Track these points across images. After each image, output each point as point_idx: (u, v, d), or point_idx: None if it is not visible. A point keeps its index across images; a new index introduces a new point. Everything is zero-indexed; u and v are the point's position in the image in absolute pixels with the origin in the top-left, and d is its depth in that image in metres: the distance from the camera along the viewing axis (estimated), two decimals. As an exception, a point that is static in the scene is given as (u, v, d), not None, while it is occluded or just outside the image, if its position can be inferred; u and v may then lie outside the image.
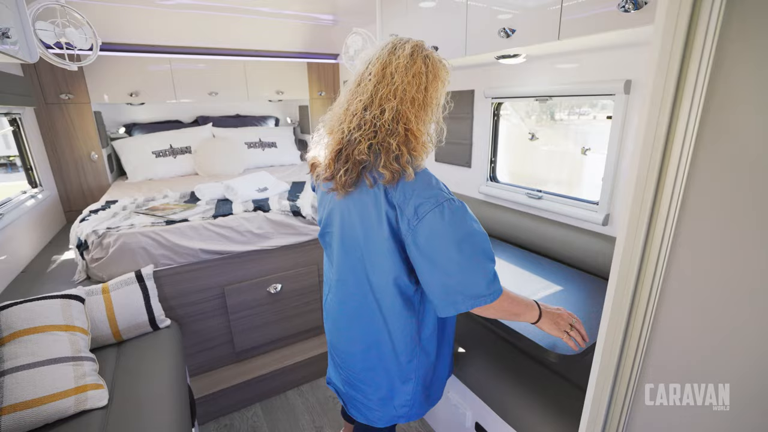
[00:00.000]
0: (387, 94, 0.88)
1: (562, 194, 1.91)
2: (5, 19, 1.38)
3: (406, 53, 0.89)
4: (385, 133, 0.87)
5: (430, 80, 0.90)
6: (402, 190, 0.86)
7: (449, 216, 0.84)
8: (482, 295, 0.87)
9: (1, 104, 2.06)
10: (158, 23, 2.64)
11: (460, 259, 0.84)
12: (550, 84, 1.80)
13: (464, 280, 0.86)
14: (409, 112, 0.88)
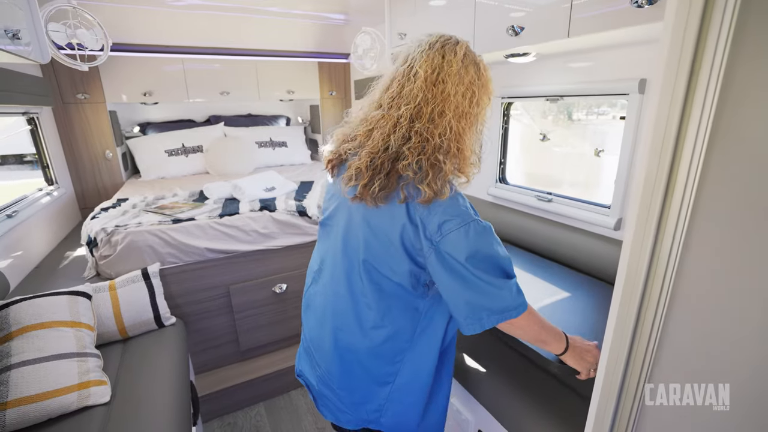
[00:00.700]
0: (441, 106, 0.80)
1: (572, 197, 1.85)
2: (18, 21, 1.41)
3: (458, 58, 0.81)
4: (433, 149, 0.80)
5: (481, 94, 0.83)
6: (428, 207, 0.80)
7: (474, 236, 0.80)
8: (509, 308, 0.83)
9: (19, 104, 2.11)
10: (170, 24, 2.67)
11: (484, 275, 0.81)
12: (562, 83, 1.75)
13: (489, 294, 0.82)
14: (461, 127, 0.82)
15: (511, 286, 0.84)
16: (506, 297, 0.83)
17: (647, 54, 1.39)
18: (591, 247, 1.66)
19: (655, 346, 0.71)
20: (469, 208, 0.84)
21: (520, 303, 0.85)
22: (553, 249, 1.82)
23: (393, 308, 0.92)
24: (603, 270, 1.61)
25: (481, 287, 0.81)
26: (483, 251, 0.81)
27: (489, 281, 0.81)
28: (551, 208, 1.90)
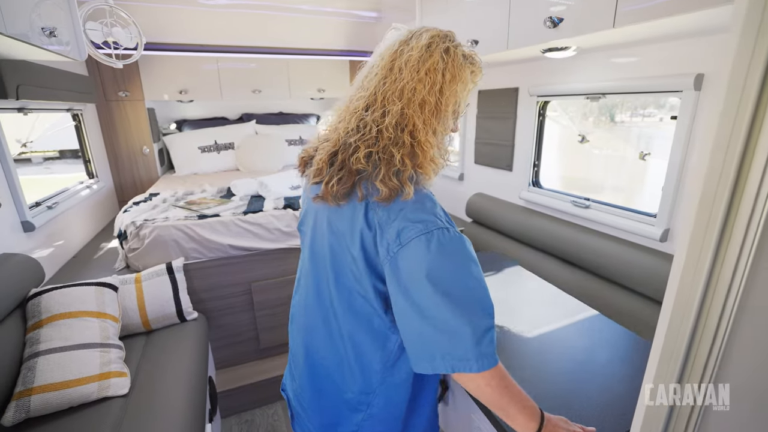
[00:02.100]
0: (392, 92, 0.72)
1: (613, 204, 1.71)
2: (57, 20, 1.46)
3: (421, 44, 0.73)
4: (387, 141, 0.71)
5: (447, 80, 0.73)
6: (388, 208, 0.69)
7: (436, 247, 0.66)
8: (465, 358, 0.66)
9: (64, 101, 2.22)
10: (204, 23, 2.73)
11: (444, 303, 0.65)
12: (605, 80, 1.61)
13: (446, 331, 0.66)
14: (417, 117, 0.72)
15: (478, 327, 0.67)
16: (467, 340, 0.66)
17: (706, 46, 1.24)
18: (633, 260, 1.52)
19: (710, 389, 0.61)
20: (439, 214, 0.71)
21: (486, 355, 0.67)
22: (589, 259, 1.69)
23: (361, 332, 0.80)
24: (646, 285, 1.46)
25: (439, 318, 0.66)
26: (449, 269, 0.67)
27: (452, 312, 0.66)
28: (589, 215, 1.76)
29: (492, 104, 2.32)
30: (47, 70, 1.93)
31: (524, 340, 1.21)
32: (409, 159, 0.71)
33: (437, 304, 0.66)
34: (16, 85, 1.63)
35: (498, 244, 2.20)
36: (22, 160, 3.16)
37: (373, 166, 0.72)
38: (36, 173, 2.83)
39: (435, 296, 0.66)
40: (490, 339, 0.68)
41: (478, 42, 1.73)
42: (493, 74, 2.29)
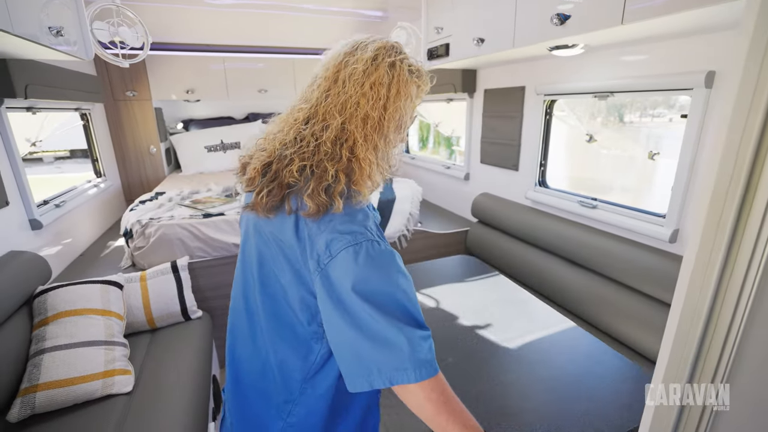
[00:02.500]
0: (334, 106, 0.70)
1: (620, 204, 1.68)
2: (65, 19, 1.47)
3: (366, 56, 0.70)
4: (323, 155, 0.69)
5: (392, 95, 0.71)
6: (318, 221, 0.68)
7: (364, 259, 0.65)
8: (402, 367, 0.64)
9: (72, 100, 2.24)
10: (210, 23, 2.75)
11: (376, 314, 0.64)
12: (613, 78, 1.58)
13: (381, 341, 0.64)
14: (358, 132, 0.70)
15: (414, 336, 0.65)
16: (404, 348, 0.64)
17: (718, 42, 1.22)
18: (641, 261, 1.49)
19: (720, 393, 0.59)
20: (370, 227, 0.69)
21: (424, 362, 0.65)
22: (596, 260, 1.66)
23: (284, 340, 0.77)
24: (655, 287, 1.44)
25: (372, 329, 0.64)
26: (377, 281, 0.66)
27: (385, 322, 0.64)
28: (596, 215, 1.73)
29: (498, 103, 2.30)
30: (55, 70, 1.94)
31: (498, 349, 1.18)
32: (344, 174, 0.69)
33: (370, 315, 0.64)
34: (24, 84, 1.65)
35: (503, 245, 2.18)
36: (33, 160, 3.21)
37: (305, 180, 0.69)
38: (47, 172, 2.87)
39: (365, 307, 0.64)
40: (429, 347, 0.66)
41: (484, 40, 1.71)
42: (500, 73, 2.27)
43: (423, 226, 2.52)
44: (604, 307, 1.59)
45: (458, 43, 1.94)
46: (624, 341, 1.50)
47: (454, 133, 3.05)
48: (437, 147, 3.59)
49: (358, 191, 0.70)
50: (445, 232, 2.50)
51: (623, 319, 1.50)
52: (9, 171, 1.68)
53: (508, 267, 2.13)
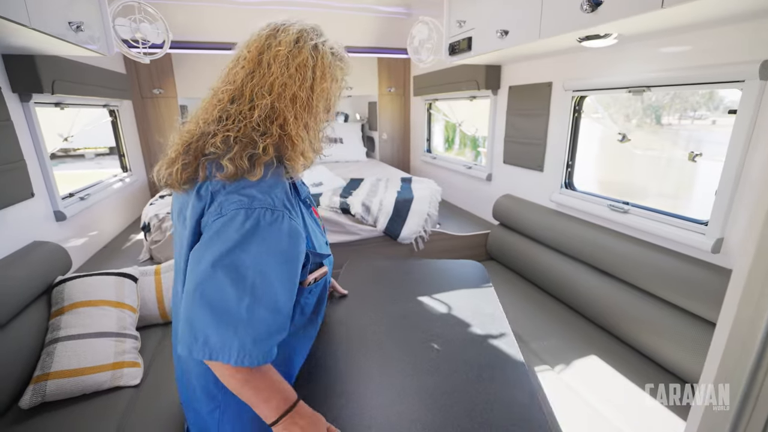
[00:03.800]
0: (261, 87, 0.72)
1: (654, 209, 1.54)
2: (88, 16, 1.50)
3: (289, 39, 0.74)
4: (250, 130, 0.71)
5: (317, 77, 0.74)
6: (230, 184, 0.69)
7: (251, 226, 0.64)
8: (228, 347, 0.63)
9: (101, 96, 2.31)
10: (232, 21, 2.77)
11: (231, 285, 0.63)
12: (650, 72, 1.45)
13: (221, 315, 0.63)
14: (288, 111, 0.72)
15: (261, 322, 0.64)
16: (241, 332, 0.63)
17: (774, 29, 1.08)
18: (678, 272, 1.36)
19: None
20: (277, 196, 0.69)
21: (252, 354, 0.64)
22: (626, 270, 1.53)
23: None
24: (694, 301, 1.30)
25: (218, 299, 0.63)
26: (254, 252, 0.64)
27: (236, 297, 0.63)
28: (627, 220, 1.60)
29: (523, 100, 2.18)
30: (82, 67, 2.00)
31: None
32: (274, 149, 0.71)
33: (224, 283, 0.62)
34: (51, 80, 1.70)
35: (526, 249, 2.07)
36: (76, 156, 3.36)
37: (228, 148, 0.69)
38: (88, 168, 2.99)
39: (225, 275, 0.63)
40: (265, 338, 0.65)
41: (507, 32, 1.62)
42: (525, 68, 2.16)
43: (442, 227, 2.44)
44: (633, 321, 1.46)
45: (481, 37, 1.85)
46: (655, 359, 1.38)
47: (477, 132, 2.95)
48: (463, 148, 3.49)
49: (292, 166, 0.73)
50: (464, 234, 2.41)
51: (655, 335, 1.38)
52: (36, 164, 1.73)
53: (530, 272, 2.02)
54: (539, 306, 1.81)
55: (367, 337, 1.04)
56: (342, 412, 0.81)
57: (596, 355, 1.43)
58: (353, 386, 0.89)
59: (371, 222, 2.18)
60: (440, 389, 0.85)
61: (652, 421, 1.15)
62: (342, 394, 0.86)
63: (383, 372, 0.92)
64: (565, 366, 1.39)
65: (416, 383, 0.87)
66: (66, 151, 3.29)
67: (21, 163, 1.60)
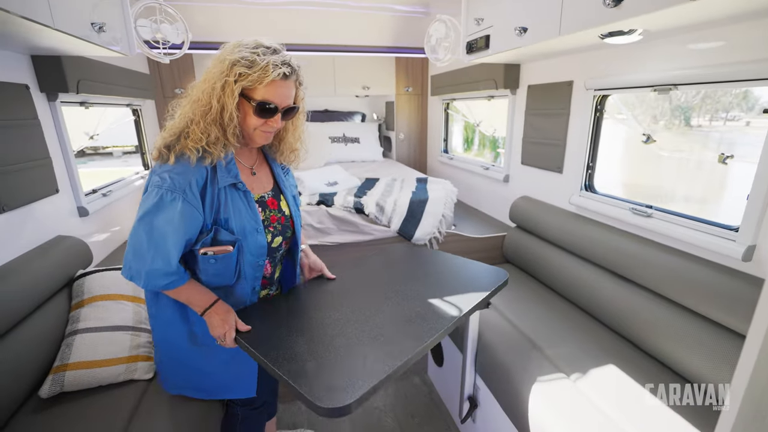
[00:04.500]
0: (190, 95, 1.03)
1: (680, 213, 1.47)
2: (110, 17, 1.53)
3: (216, 55, 0.99)
4: (179, 128, 1.00)
5: (206, 80, 0.97)
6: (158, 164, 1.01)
7: (156, 200, 0.96)
8: (133, 274, 1.01)
9: (124, 96, 2.38)
10: (251, 22, 2.81)
11: (138, 239, 0.98)
12: (677, 69, 1.38)
13: (135, 251, 0.98)
14: (192, 113, 0.98)
15: (143, 265, 0.99)
16: (141, 272, 0.99)
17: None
18: (705, 280, 1.29)
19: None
20: (178, 183, 0.96)
21: (146, 284, 1.01)
22: (649, 277, 1.47)
23: None
24: (722, 312, 1.23)
25: (137, 242, 0.98)
26: (152, 216, 0.96)
27: (146, 245, 0.97)
28: (651, 225, 1.53)
29: (542, 100, 2.13)
30: (106, 67, 2.06)
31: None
32: (183, 139, 0.98)
33: (141, 234, 0.98)
34: (76, 80, 1.76)
35: (543, 253, 2.01)
36: (105, 154, 3.48)
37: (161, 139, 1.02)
38: (115, 165, 3.09)
39: (142, 229, 0.98)
40: (160, 276, 1.00)
41: (526, 30, 1.57)
42: (544, 67, 2.10)
43: (457, 229, 2.40)
44: (655, 330, 1.40)
45: (499, 35, 1.80)
46: (678, 370, 1.31)
47: (495, 132, 2.89)
48: (482, 149, 3.43)
49: (184, 150, 0.97)
50: (480, 237, 2.36)
51: (678, 345, 1.31)
52: (61, 161, 1.79)
53: (547, 276, 1.97)
54: (556, 311, 1.75)
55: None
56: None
57: (615, 364, 1.37)
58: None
59: (385, 222, 2.17)
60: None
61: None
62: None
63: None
64: (581, 375, 1.34)
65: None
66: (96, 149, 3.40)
67: (47, 160, 1.66)
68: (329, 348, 1.01)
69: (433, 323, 1.11)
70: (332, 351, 0.99)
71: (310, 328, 1.12)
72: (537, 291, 1.96)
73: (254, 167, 1.18)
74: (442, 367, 1.99)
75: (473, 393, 1.64)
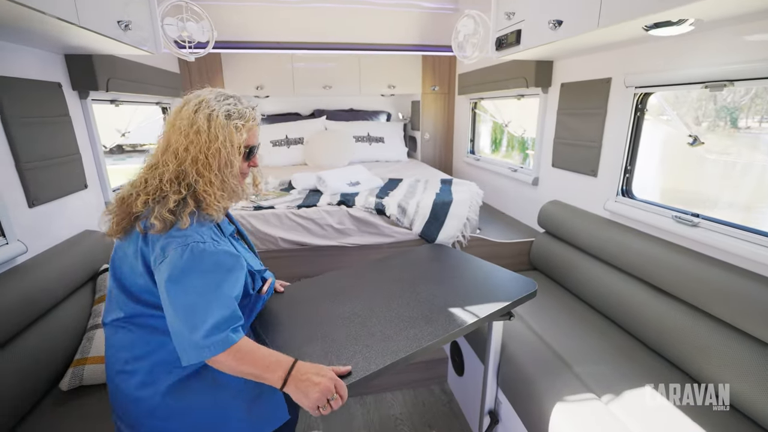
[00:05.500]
0: (170, 154, 0.90)
1: (733, 223, 1.33)
2: (134, 14, 1.55)
3: (189, 110, 0.91)
4: (166, 191, 0.89)
5: (212, 139, 0.90)
6: (164, 233, 0.87)
7: (189, 256, 0.85)
8: (200, 345, 0.82)
9: (153, 94, 2.43)
10: (279, 20, 2.81)
11: (186, 301, 0.84)
12: (734, 63, 1.25)
13: (187, 325, 0.83)
14: (191, 171, 0.90)
15: (208, 319, 0.83)
16: (199, 330, 0.82)
17: None
18: (757, 297, 1.15)
19: None
20: (203, 233, 0.89)
21: (215, 342, 0.83)
22: (693, 291, 1.34)
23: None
24: (779, 335, 1.10)
25: (182, 312, 0.83)
26: (194, 271, 0.85)
27: (190, 306, 0.84)
28: (697, 235, 1.40)
29: (577, 99, 2.00)
30: (136, 66, 2.11)
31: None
32: (193, 200, 0.90)
33: (181, 301, 0.83)
34: (106, 78, 1.80)
35: (574, 261, 1.89)
36: (142, 151, 3.60)
37: (147, 210, 0.88)
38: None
39: (180, 295, 0.84)
40: (217, 327, 0.84)
41: (561, 23, 1.47)
42: (580, 63, 1.97)
43: (482, 233, 2.31)
44: (699, 350, 1.27)
45: (531, 29, 1.70)
46: (725, 398, 1.18)
47: (525, 133, 2.77)
48: (510, 151, 3.31)
49: (209, 213, 0.92)
50: (506, 242, 2.26)
51: (725, 369, 1.18)
52: (91, 158, 1.84)
53: (578, 287, 1.85)
54: (587, 325, 1.64)
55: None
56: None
57: (653, 386, 1.26)
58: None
59: (407, 224, 2.11)
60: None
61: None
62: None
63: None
64: (614, 396, 1.23)
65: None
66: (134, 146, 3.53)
67: (76, 156, 1.71)
68: (326, 340, 1.05)
69: (437, 328, 1.10)
70: (328, 343, 1.03)
71: (311, 319, 1.16)
72: (566, 301, 1.84)
73: None
74: (463, 377, 1.91)
75: (494, 407, 1.55)
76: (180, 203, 0.89)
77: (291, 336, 1.08)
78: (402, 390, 2.06)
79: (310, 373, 0.85)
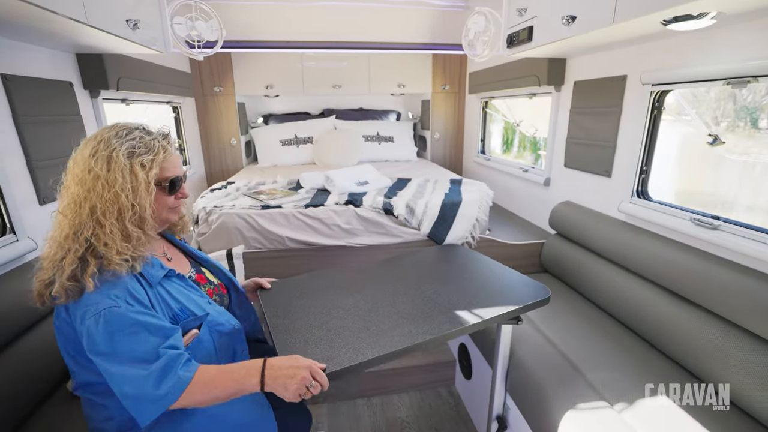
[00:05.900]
0: (65, 208, 0.82)
1: (756, 226, 1.27)
2: (148, 16, 1.56)
3: (85, 155, 0.82)
4: (61, 255, 0.80)
5: (111, 184, 0.80)
6: (77, 302, 0.80)
7: (104, 323, 0.77)
8: (156, 398, 0.77)
9: (164, 94, 2.45)
10: (288, 20, 2.81)
11: (122, 368, 0.78)
12: (758, 58, 1.19)
13: (133, 386, 0.78)
14: (89, 222, 0.80)
15: (151, 373, 0.78)
16: (149, 384, 0.77)
17: None
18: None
19: None
20: (115, 294, 0.80)
21: (172, 388, 0.78)
22: (712, 297, 1.28)
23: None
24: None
25: (126, 376, 0.78)
26: (116, 337, 0.78)
27: (129, 369, 0.78)
28: (717, 238, 1.34)
29: (590, 97, 1.95)
30: (147, 65, 2.12)
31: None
32: (94, 257, 0.80)
33: (119, 369, 0.78)
34: (117, 77, 1.81)
35: (586, 263, 1.84)
36: None
37: (50, 282, 0.81)
38: None
39: (114, 363, 0.77)
40: (164, 373, 0.78)
41: (575, 18, 1.43)
42: (594, 60, 1.92)
43: (492, 234, 2.27)
44: (719, 359, 1.22)
45: (543, 25, 1.66)
46: (746, 408, 1.13)
47: (537, 133, 2.71)
48: (522, 151, 3.26)
49: (114, 266, 0.80)
50: (516, 243, 2.22)
51: (747, 379, 1.13)
52: (101, 156, 1.86)
53: (590, 290, 1.80)
54: (599, 330, 1.59)
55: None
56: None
57: (668, 396, 1.21)
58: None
59: (415, 225, 2.08)
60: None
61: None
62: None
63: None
64: (627, 405, 1.19)
65: None
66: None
67: (87, 155, 1.72)
68: (323, 329, 1.08)
69: (433, 327, 1.09)
70: (325, 331, 1.07)
71: (311, 310, 1.20)
72: (577, 305, 1.79)
73: (166, 253, 1.03)
74: (471, 381, 1.88)
75: (502, 413, 1.52)
76: (78, 265, 0.79)
77: (291, 321, 1.13)
78: (409, 392, 2.03)
79: (284, 368, 0.85)
